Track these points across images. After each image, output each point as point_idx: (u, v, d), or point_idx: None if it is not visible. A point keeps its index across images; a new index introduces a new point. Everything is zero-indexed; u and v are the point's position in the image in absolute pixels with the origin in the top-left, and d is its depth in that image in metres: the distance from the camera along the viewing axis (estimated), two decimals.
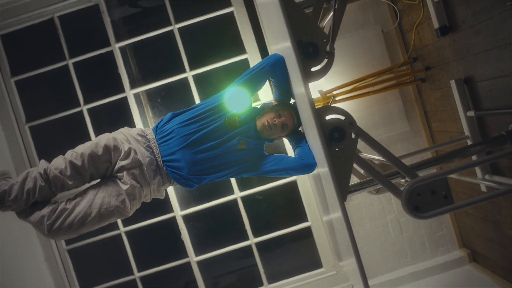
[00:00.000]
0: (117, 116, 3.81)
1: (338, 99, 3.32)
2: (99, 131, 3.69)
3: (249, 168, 2.39)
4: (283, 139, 2.61)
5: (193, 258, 3.79)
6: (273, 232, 3.79)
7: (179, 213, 3.75)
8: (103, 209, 2.25)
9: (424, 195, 2.12)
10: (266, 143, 2.50)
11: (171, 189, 3.69)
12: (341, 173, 2.05)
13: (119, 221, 3.77)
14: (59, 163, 2.28)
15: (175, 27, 3.68)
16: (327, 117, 2.09)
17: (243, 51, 3.69)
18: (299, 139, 2.43)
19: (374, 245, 3.68)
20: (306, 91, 1.95)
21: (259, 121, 2.39)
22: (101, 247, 3.86)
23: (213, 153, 2.33)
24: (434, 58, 3.16)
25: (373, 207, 3.69)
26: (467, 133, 2.88)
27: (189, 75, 3.69)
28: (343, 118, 2.07)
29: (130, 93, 3.72)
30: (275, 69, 2.31)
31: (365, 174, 2.77)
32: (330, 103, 3.16)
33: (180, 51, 3.69)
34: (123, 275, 3.86)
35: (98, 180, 2.38)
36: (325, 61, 2.09)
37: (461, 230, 3.61)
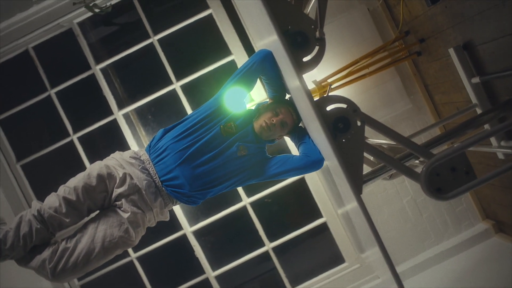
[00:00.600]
0: (109, 140, 3.67)
1: (334, 87, 3.17)
2: (93, 158, 3.55)
3: (254, 174, 2.25)
4: (285, 137, 2.46)
5: (210, 273, 3.65)
6: (289, 233, 3.64)
7: (189, 229, 3.61)
8: (106, 242, 2.11)
9: (444, 175, 1.97)
10: (267, 145, 2.35)
11: (176, 206, 3.55)
12: (353, 165, 1.91)
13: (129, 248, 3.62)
14: (53, 201, 2.14)
15: (154, 39, 3.54)
16: (328, 108, 1.95)
17: (228, 52, 3.54)
18: (301, 135, 2.29)
19: (394, 231, 3.54)
20: (301, 84, 1.81)
21: (256, 123, 2.25)
22: (115, 277, 3.72)
23: (213, 164, 2.18)
24: (427, 28, 3.01)
25: (387, 192, 3.55)
26: (474, 101, 2.74)
27: (177, 86, 3.54)
28: (345, 106, 1.93)
29: (119, 115, 3.57)
30: (264, 65, 2.16)
31: (376, 161, 2.63)
32: (327, 92, 3.02)
33: (163, 63, 3.54)
34: None
35: (96, 212, 2.24)
36: (316, 48, 1.95)
37: (481, 201, 3.47)
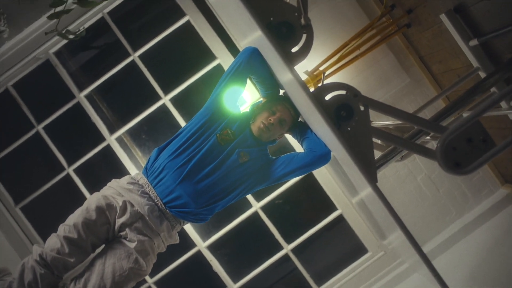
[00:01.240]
0: (106, 166, 3.55)
1: (328, 74, 3.05)
2: (92, 188, 3.43)
3: (260, 179, 2.13)
4: (286, 135, 2.33)
5: (232, 287, 3.52)
6: (305, 232, 3.51)
7: (202, 245, 3.48)
8: (117, 276, 1.99)
9: (460, 147, 1.84)
10: (269, 146, 2.23)
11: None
12: (362, 153, 1.79)
13: None
14: (54, 243, 2.01)
15: (135, 56, 3.42)
16: (327, 97, 1.82)
17: (212, 57, 3.41)
18: (302, 130, 2.16)
19: (413, 212, 3.41)
20: (294, 76, 1.68)
21: (253, 126, 2.12)
22: None
23: (215, 176, 2.06)
24: None
25: (399, 173, 3.42)
26: (476, 65, 2.60)
27: (166, 100, 3.42)
28: (344, 92, 1.81)
29: (111, 139, 3.45)
30: (252, 63, 2.03)
31: (385, 144, 2.50)
32: (321, 81, 2.89)
33: (148, 79, 3.42)
34: None
35: (102, 246, 2.11)
36: (304, 36, 1.82)
37: (498, 166, 3.34)
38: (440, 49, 2.99)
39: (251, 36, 2.04)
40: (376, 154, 2.23)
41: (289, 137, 3.20)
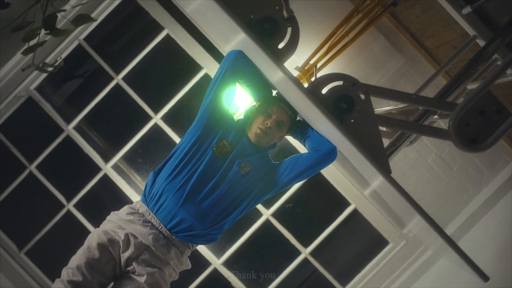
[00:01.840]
0: (106, 196, 3.44)
1: (319, 67, 2.93)
2: (96, 221, 3.30)
3: (266, 188, 2.00)
4: (286, 137, 2.20)
5: None
6: (322, 232, 3.39)
7: (217, 262, 3.35)
8: None
9: (473, 122, 1.71)
10: (270, 151, 2.09)
11: None
12: (371, 144, 1.66)
13: None
14: None
15: (118, 79, 3.30)
16: (323, 91, 1.70)
17: (198, 67, 3.30)
18: (302, 129, 2.03)
19: (429, 194, 3.29)
20: (285, 74, 1.56)
21: (250, 133, 1.99)
22: None
23: (218, 192, 1.93)
24: None
25: (408, 157, 3.30)
26: (472, 33, 2.47)
27: (157, 119, 3.30)
28: (341, 83, 1.68)
29: (107, 168, 3.33)
30: (238, 67, 1.91)
31: (391, 130, 2.38)
32: (314, 74, 2.77)
33: (136, 100, 3.31)
34: None
35: (111, 285, 1.97)
36: (289, 30, 1.70)
37: (509, 135, 3.21)
38: (431, 23, 2.87)
39: (234, 39, 1.92)
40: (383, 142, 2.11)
41: (290, 139, 3.08)
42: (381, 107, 2.58)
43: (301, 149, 3.13)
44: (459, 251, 1.65)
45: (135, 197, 3.31)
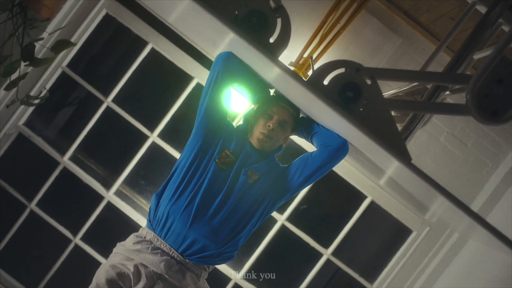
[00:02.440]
0: (113, 224, 3.30)
1: (315, 58, 2.80)
2: (106, 252, 3.17)
3: (278, 194, 1.86)
4: (291, 137, 2.06)
5: None
6: (341, 230, 3.25)
7: (238, 277, 3.21)
8: None
9: (492, 93, 1.57)
10: (276, 155, 1.96)
11: None
12: (386, 131, 1.53)
13: None
14: None
15: (108, 101, 3.17)
16: (325, 82, 1.56)
17: (189, 78, 3.17)
18: (308, 126, 1.89)
19: (447, 175, 3.15)
20: (282, 69, 1.43)
21: (252, 139, 1.85)
22: None
23: (228, 206, 1.79)
24: None
25: (418, 139, 3.16)
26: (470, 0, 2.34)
27: (154, 137, 3.17)
28: (343, 70, 1.55)
29: (109, 196, 3.19)
30: (229, 70, 1.77)
31: (402, 114, 2.24)
32: (311, 66, 2.64)
33: (129, 121, 3.18)
34: None
35: None
36: (279, 21, 1.56)
37: None
38: None
39: (221, 41, 1.79)
40: None
41: (296, 138, 2.95)
42: (384, 92, 2.44)
43: (308, 147, 2.99)
44: (489, 226, 1.53)
45: (143, 221, 3.17)
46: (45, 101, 2.93)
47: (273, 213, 3.08)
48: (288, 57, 2.92)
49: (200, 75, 3.14)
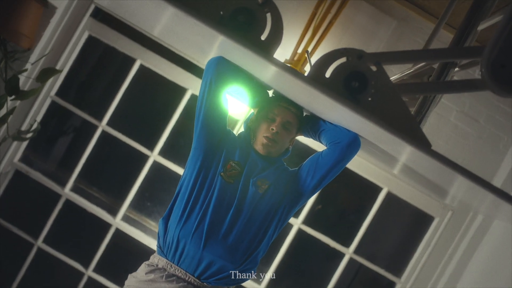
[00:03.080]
0: (124, 251, 3.20)
1: (311, 51, 2.69)
2: (120, 281, 3.04)
3: (292, 200, 1.74)
4: (297, 138, 1.94)
5: None
6: (360, 226, 3.12)
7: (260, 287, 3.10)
8: None
9: (509, 62, 1.44)
10: (284, 159, 1.84)
11: None
12: (399, 119, 1.40)
13: None
14: None
15: (103, 125, 3.06)
16: (327, 74, 1.44)
17: (182, 90, 3.06)
18: (313, 124, 1.77)
19: (462, 155, 3.04)
20: (278, 66, 1.32)
21: (257, 145, 1.73)
22: None
23: (241, 221, 1.67)
24: None
25: (429, 121, 2.96)
26: None
27: (154, 156, 3.06)
28: (345, 59, 1.43)
29: (117, 222, 3.08)
30: (223, 75, 1.65)
31: (409, 98, 2.11)
32: (308, 60, 2.52)
33: (127, 143, 3.07)
34: None
35: None
36: (269, 16, 1.45)
37: None
38: None
39: (210, 47, 1.67)
40: None
41: (302, 138, 2.83)
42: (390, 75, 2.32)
43: (316, 145, 2.87)
44: None
45: (154, 244, 3.04)
46: (38, 134, 2.84)
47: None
48: (282, 54, 2.81)
49: (193, 86, 3.03)
